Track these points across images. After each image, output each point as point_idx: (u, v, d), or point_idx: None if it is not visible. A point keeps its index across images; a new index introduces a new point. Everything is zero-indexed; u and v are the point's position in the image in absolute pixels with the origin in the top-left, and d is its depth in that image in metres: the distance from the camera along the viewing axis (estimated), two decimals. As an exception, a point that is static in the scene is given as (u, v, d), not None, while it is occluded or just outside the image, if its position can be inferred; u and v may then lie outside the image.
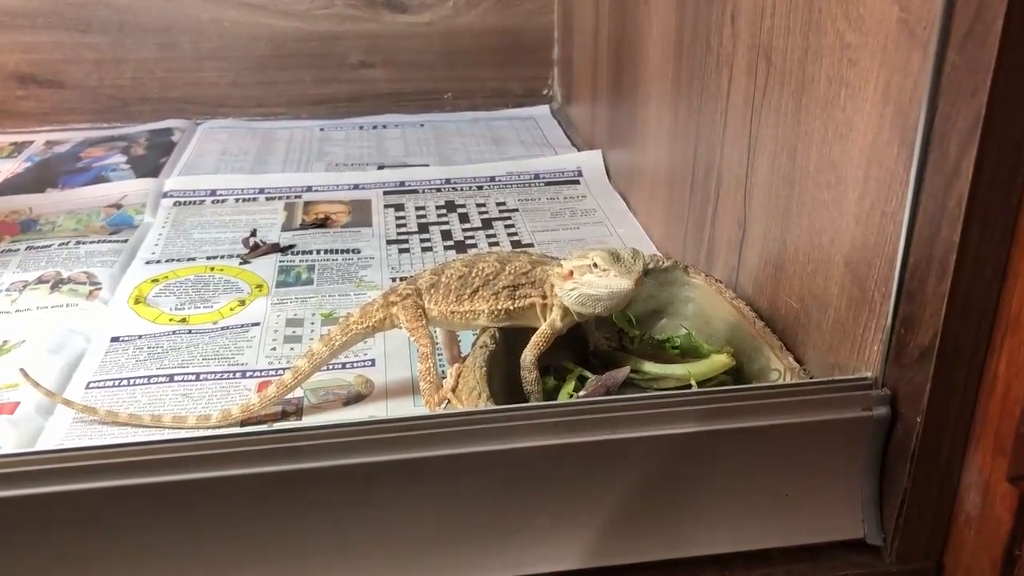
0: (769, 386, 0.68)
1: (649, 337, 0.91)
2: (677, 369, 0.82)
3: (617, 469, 0.65)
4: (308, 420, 0.87)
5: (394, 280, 1.19)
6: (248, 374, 0.96)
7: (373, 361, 0.99)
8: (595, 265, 0.75)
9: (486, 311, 0.83)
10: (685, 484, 0.66)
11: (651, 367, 0.82)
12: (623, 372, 0.80)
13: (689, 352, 0.87)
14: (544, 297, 0.82)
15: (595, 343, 0.89)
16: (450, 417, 0.63)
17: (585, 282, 0.77)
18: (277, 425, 0.85)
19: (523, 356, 0.81)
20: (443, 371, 0.92)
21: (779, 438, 0.66)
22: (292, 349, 1.01)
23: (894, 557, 0.67)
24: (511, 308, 0.82)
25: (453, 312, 0.84)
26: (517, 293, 0.82)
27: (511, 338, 0.84)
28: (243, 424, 0.86)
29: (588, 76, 1.58)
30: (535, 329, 0.82)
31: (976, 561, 0.64)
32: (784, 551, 0.68)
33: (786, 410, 0.65)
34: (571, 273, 0.78)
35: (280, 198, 1.46)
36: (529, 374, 0.80)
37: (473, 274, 0.84)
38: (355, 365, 0.97)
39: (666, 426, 0.64)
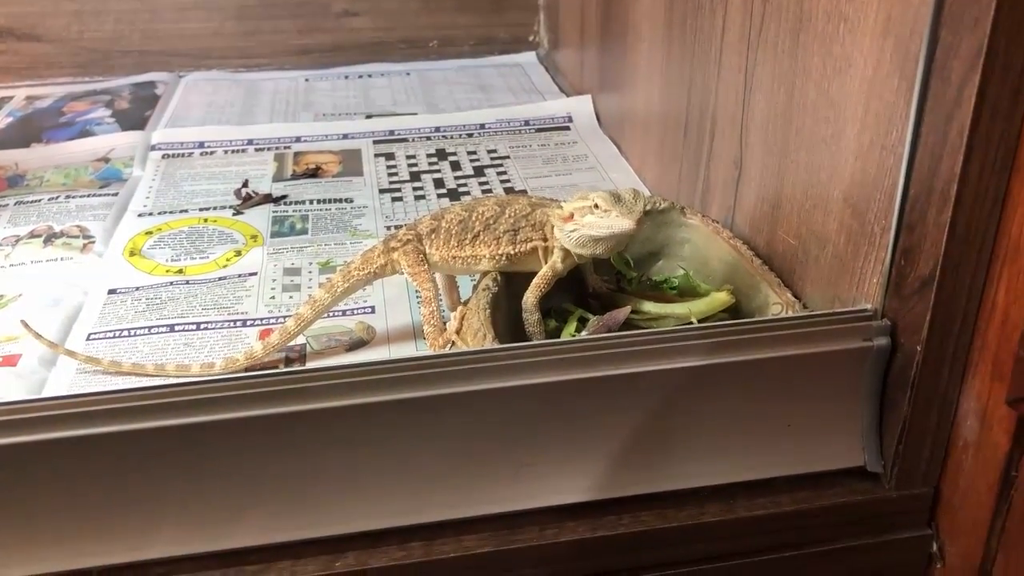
0: (770, 320, 0.68)
1: (647, 279, 0.92)
2: (677, 308, 0.83)
3: (622, 404, 0.65)
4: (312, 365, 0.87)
5: (388, 229, 1.18)
6: (249, 323, 0.96)
7: (373, 308, 0.99)
8: (596, 206, 0.75)
9: (487, 255, 0.83)
10: (688, 417, 0.67)
11: (651, 306, 0.83)
12: (624, 311, 0.80)
13: (687, 292, 0.88)
14: (545, 240, 0.82)
15: (594, 285, 0.89)
16: (458, 356, 0.64)
17: (586, 223, 0.76)
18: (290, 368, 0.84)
19: (524, 298, 0.81)
20: (444, 317, 0.93)
21: (780, 370, 0.66)
22: (291, 297, 1.01)
23: (893, 483, 0.69)
24: (512, 252, 0.83)
25: (454, 257, 0.84)
26: (518, 237, 0.82)
27: (512, 282, 0.85)
28: (248, 371, 0.86)
29: (575, 21, 1.56)
30: (536, 273, 0.82)
31: (973, 485, 0.66)
32: (786, 480, 0.69)
33: (787, 342, 0.66)
34: (572, 215, 0.78)
35: (269, 149, 1.44)
36: (531, 316, 0.80)
37: (473, 218, 0.84)
38: (356, 312, 0.98)
39: (669, 360, 0.64)
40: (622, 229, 0.75)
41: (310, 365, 0.87)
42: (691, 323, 0.80)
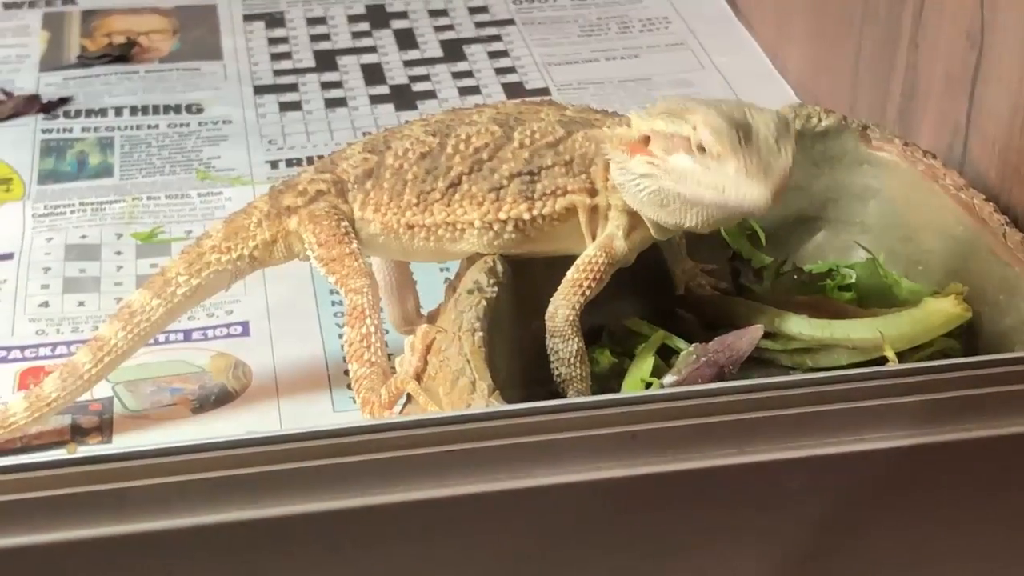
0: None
1: (792, 268, 0.93)
2: (856, 328, 0.83)
3: (754, 520, 0.66)
4: (124, 442, 0.88)
5: (275, 168, 1.19)
6: (-1, 355, 0.97)
7: (244, 326, 1.00)
8: (700, 147, 0.75)
9: (477, 222, 0.83)
10: (889, 543, 0.68)
11: (804, 325, 0.84)
12: (750, 336, 0.81)
13: (874, 297, 0.89)
14: (592, 193, 0.82)
15: (686, 281, 0.90)
16: (417, 428, 0.64)
17: (674, 169, 0.77)
18: (81, 451, 0.84)
19: (552, 310, 0.81)
20: (391, 347, 0.92)
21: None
22: (81, 305, 1.02)
23: None
24: (528, 217, 0.83)
25: (411, 227, 0.85)
26: (538, 187, 0.83)
27: (525, 276, 0.85)
28: (-5, 452, 0.87)
29: None
30: (573, 259, 0.83)
31: None
32: None
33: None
34: (647, 141, 0.78)
35: (34, 5, 1.45)
36: (565, 344, 0.81)
37: (451, 150, 0.84)
38: (212, 334, 0.99)
39: (849, 436, 0.65)
40: (744, 201, 0.75)
41: (120, 445, 0.88)
42: (884, 359, 0.81)
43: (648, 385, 0.82)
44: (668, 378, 0.80)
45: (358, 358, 0.83)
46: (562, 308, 0.81)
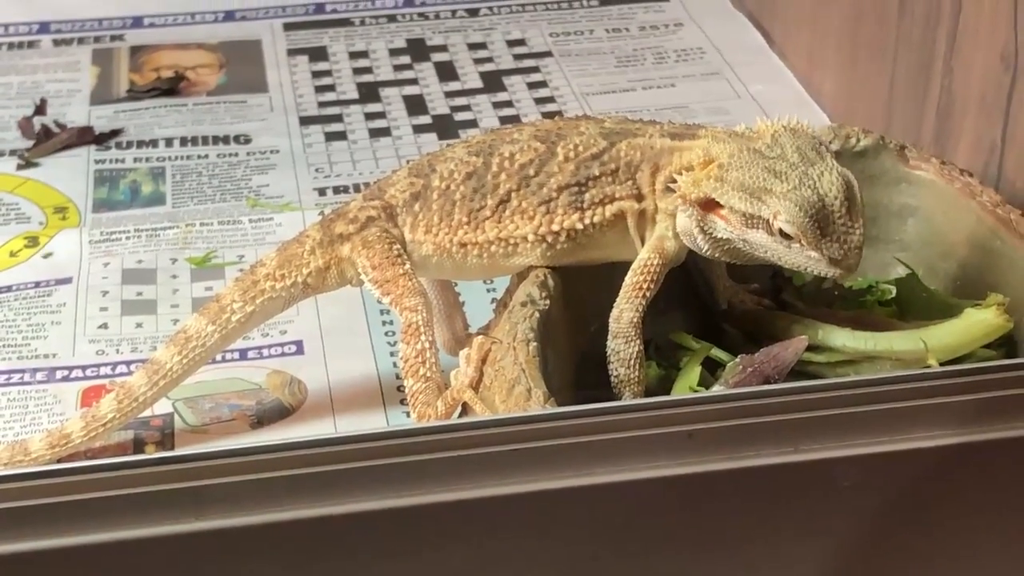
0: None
1: (833, 284, 0.92)
2: (899, 340, 0.83)
3: (808, 517, 0.67)
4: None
5: (324, 196, 1.20)
6: (60, 373, 0.98)
7: (298, 345, 1.01)
8: (781, 232, 0.77)
9: (530, 236, 0.84)
10: (940, 540, 0.69)
11: (847, 337, 0.84)
12: (795, 346, 0.82)
13: (914, 310, 0.89)
14: (639, 197, 0.84)
15: (729, 294, 0.91)
16: (480, 428, 0.65)
17: (753, 241, 0.79)
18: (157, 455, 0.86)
19: (616, 313, 0.82)
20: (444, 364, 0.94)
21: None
22: (139, 327, 1.03)
23: None
24: (580, 227, 0.84)
25: (463, 245, 0.86)
26: (587, 196, 0.84)
27: (574, 287, 0.86)
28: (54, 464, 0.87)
29: None
30: (624, 266, 0.84)
31: None
32: None
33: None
34: (710, 202, 0.79)
35: (84, 41, 1.47)
36: (627, 346, 0.82)
37: (496, 168, 0.85)
38: (267, 352, 1.00)
39: (900, 435, 0.66)
40: (819, 273, 0.79)
41: (182, 452, 0.87)
42: (928, 367, 0.81)
43: (694, 392, 0.82)
44: (716, 388, 0.81)
45: (414, 374, 0.84)
46: (627, 311, 0.82)
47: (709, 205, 0.80)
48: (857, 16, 1.18)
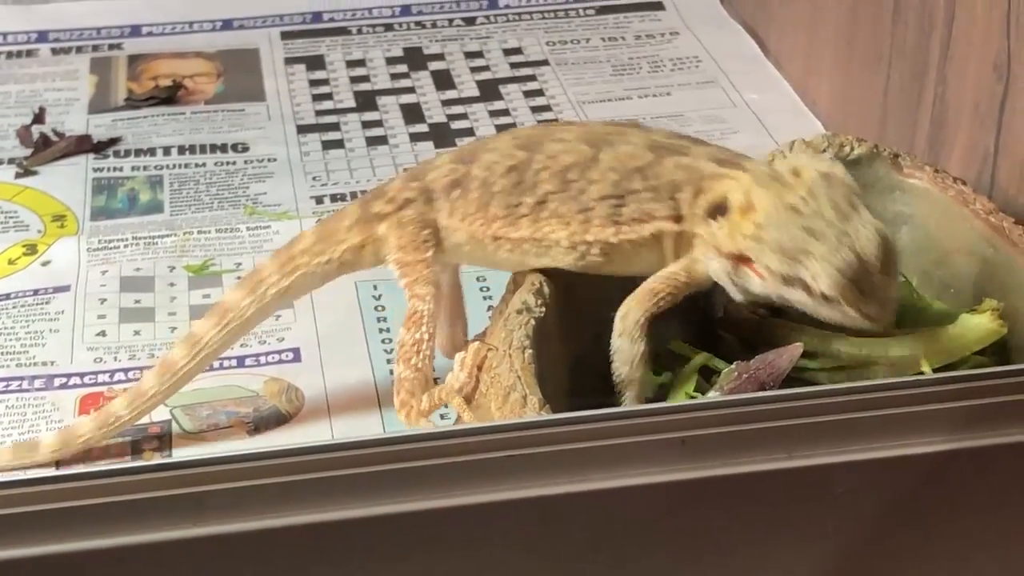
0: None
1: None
2: (894, 345, 0.84)
3: (802, 523, 0.67)
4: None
5: (320, 203, 1.21)
6: (58, 381, 0.99)
7: (295, 352, 1.01)
8: (823, 295, 0.78)
9: (564, 242, 0.84)
10: (936, 546, 0.69)
11: (841, 343, 0.85)
12: (790, 353, 0.82)
13: (908, 318, 0.89)
14: (678, 219, 0.83)
15: (726, 300, 0.90)
16: (473, 436, 0.65)
17: (791, 299, 0.80)
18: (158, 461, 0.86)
19: (623, 311, 0.82)
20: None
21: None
22: (138, 334, 1.04)
23: None
24: (614, 241, 0.84)
25: (498, 239, 0.86)
26: (625, 211, 0.83)
27: (570, 296, 0.86)
28: (58, 467, 0.89)
29: None
30: (634, 282, 0.84)
31: None
32: None
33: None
34: (744, 258, 0.79)
35: (82, 50, 1.48)
36: (631, 345, 0.82)
37: (538, 166, 0.85)
38: (264, 360, 1.00)
39: (893, 441, 0.66)
40: (857, 327, 0.80)
41: (179, 458, 0.88)
42: (922, 373, 0.82)
43: (691, 398, 0.83)
44: (711, 394, 0.82)
45: (406, 361, 0.85)
46: (634, 311, 0.82)
47: (744, 259, 0.80)
48: (851, 24, 1.19)
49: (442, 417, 0.88)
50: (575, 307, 0.87)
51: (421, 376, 0.84)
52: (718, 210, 0.81)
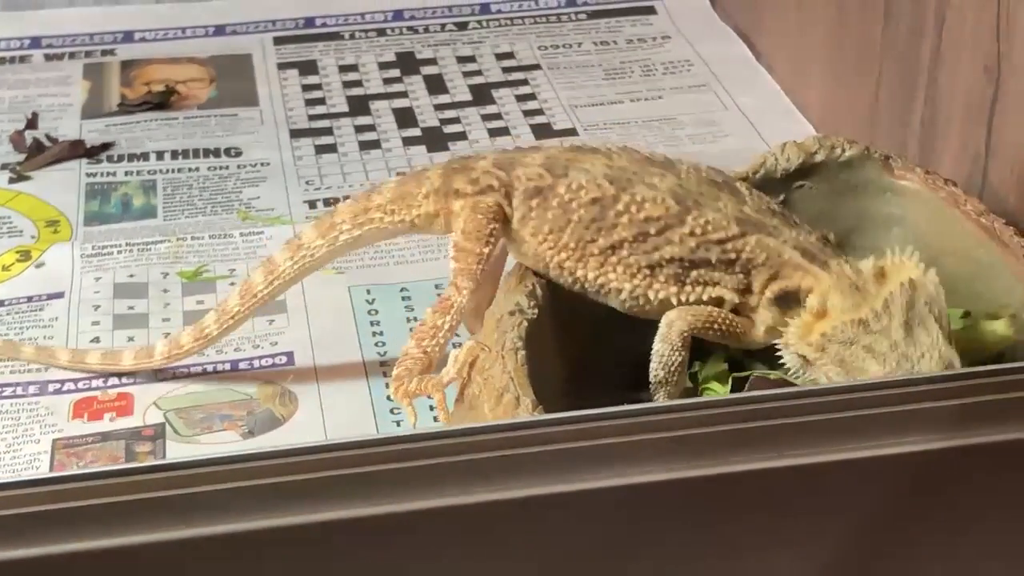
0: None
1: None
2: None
3: (795, 522, 0.68)
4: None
5: (314, 208, 1.22)
6: (52, 387, 0.99)
7: (289, 356, 1.02)
8: (873, 350, 0.78)
9: (624, 293, 0.85)
10: (930, 545, 0.69)
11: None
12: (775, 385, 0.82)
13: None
14: (744, 292, 0.83)
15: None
16: (466, 437, 0.65)
17: (837, 356, 0.79)
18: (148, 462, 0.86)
19: (673, 316, 0.83)
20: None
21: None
22: (131, 340, 1.04)
23: None
24: (674, 301, 0.84)
25: (561, 268, 0.86)
26: (693, 274, 0.83)
27: (563, 297, 0.87)
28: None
29: None
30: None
31: None
32: None
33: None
34: (820, 337, 0.79)
35: (75, 56, 1.48)
36: (672, 353, 0.82)
37: (621, 208, 0.84)
38: (258, 365, 1.01)
39: (887, 440, 0.66)
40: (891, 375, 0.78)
41: (171, 460, 0.89)
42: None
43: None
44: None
45: (418, 340, 0.86)
46: (679, 323, 0.83)
47: (808, 360, 0.80)
48: (841, 27, 1.19)
49: (431, 408, 0.88)
50: (570, 308, 0.87)
51: (426, 359, 0.85)
52: (787, 299, 0.82)
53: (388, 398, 0.94)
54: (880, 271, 0.80)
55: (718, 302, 0.84)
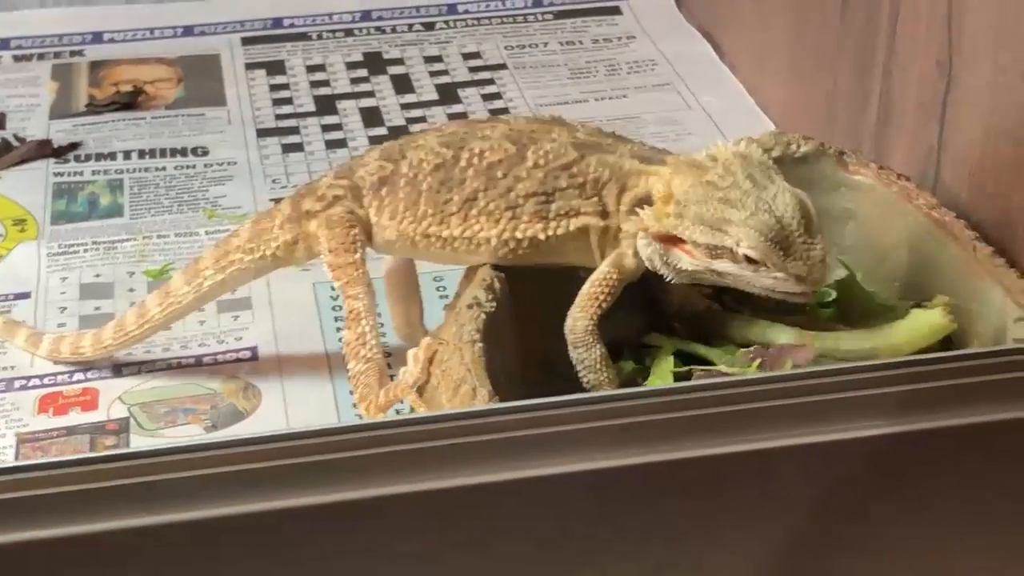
0: (1017, 349, 0.71)
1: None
2: (845, 339, 0.85)
3: (749, 508, 0.68)
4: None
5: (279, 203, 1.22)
6: (18, 383, 1.00)
7: (253, 351, 1.03)
8: (745, 258, 0.80)
9: (494, 240, 0.86)
10: (875, 530, 0.70)
11: (792, 337, 0.86)
12: (805, 352, 0.84)
13: (853, 311, 0.90)
14: (604, 214, 0.85)
15: (681, 295, 0.92)
16: (422, 425, 0.66)
17: (719, 270, 0.81)
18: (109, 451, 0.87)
19: (570, 323, 0.85)
20: (389, 349, 0.97)
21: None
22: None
23: None
24: (543, 237, 0.86)
25: (428, 236, 0.88)
26: (553, 207, 0.85)
27: (521, 289, 0.88)
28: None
29: None
30: (576, 272, 0.86)
31: None
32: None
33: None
34: (674, 239, 0.81)
35: (44, 57, 1.49)
36: (588, 352, 0.84)
37: (464, 164, 0.87)
38: (222, 359, 1.02)
39: (839, 425, 0.67)
40: (790, 296, 0.81)
41: (132, 448, 0.89)
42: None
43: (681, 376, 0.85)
44: (722, 368, 0.84)
45: (355, 356, 0.87)
46: (580, 320, 0.84)
47: (672, 239, 0.82)
48: (800, 24, 1.21)
49: (397, 412, 0.89)
50: (528, 298, 0.88)
51: (374, 366, 0.86)
52: (643, 204, 0.83)
53: (350, 392, 0.93)
54: (711, 156, 0.83)
55: (584, 231, 0.85)
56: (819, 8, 1.15)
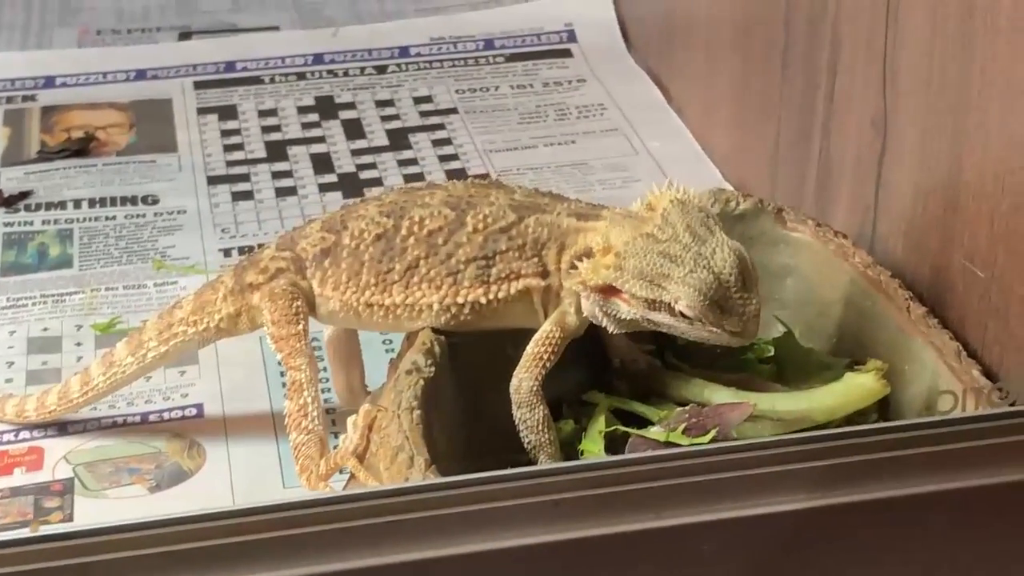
0: (945, 421, 0.72)
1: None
2: (781, 400, 0.86)
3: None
4: (86, 521, 0.90)
5: (228, 256, 1.22)
6: (-38, 441, 0.99)
7: (199, 408, 1.03)
8: (682, 314, 0.81)
9: (436, 305, 0.87)
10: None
11: (729, 396, 0.87)
12: (741, 410, 0.84)
13: (791, 368, 0.92)
14: (544, 274, 0.86)
15: (622, 352, 0.93)
16: (358, 501, 0.67)
17: (657, 321, 0.83)
18: (44, 530, 0.87)
19: (515, 383, 0.86)
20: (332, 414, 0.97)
21: (968, 510, 0.70)
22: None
23: None
24: (484, 301, 0.87)
25: (371, 305, 0.89)
26: (494, 271, 0.86)
27: (463, 353, 0.88)
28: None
29: None
30: (520, 331, 0.87)
31: None
32: None
33: (977, 462, 0.70)
34: (613, 289, 0.82)
35: (-6, 101, 1.49)
36: (531, 412, 0.85)
37: (405, 232, 0.88)
38: (167, 416, 1.02)
39: (759, 500, 0.68)
40: (725, 345, 0.83)
41: (79, 522, 0.90)
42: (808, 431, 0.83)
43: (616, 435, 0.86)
44: (655, 429, 0.84)
45: (296, 427, 0.87)
46: (525, 380, 0.85)
47: (610, 290, 0.83)
48: (744, 76, 1.22)
49: (341, 473, 0.89)
50: (469, 363, 0.89)
51: (315, 437, 0.87)
52: (583, 259, 0.84)
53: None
54: (648, 206, 0.84)
55: (526, 292, 0.86)
56: (763, 60, 1.17)
